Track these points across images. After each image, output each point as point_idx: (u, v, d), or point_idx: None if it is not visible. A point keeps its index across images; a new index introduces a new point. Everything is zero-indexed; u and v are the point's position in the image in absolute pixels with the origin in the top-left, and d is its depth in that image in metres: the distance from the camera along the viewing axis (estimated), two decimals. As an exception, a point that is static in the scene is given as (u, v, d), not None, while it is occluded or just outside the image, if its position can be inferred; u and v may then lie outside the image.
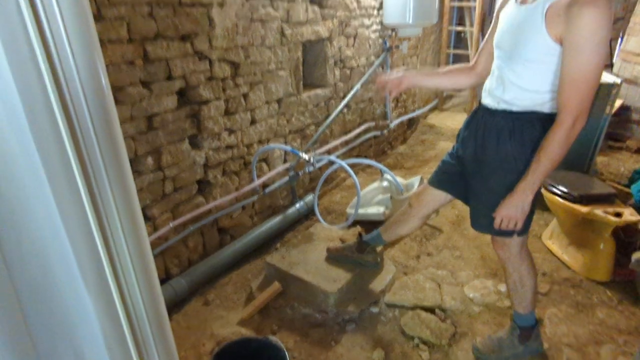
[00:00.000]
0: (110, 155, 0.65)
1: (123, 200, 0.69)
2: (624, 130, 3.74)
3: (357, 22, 3.09)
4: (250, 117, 2.35)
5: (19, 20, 0.51)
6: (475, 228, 1.51)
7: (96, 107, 0.61)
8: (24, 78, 0.53)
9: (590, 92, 1.12)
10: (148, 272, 0.78)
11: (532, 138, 1.27)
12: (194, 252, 2.18)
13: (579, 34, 1.07)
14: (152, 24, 1.71)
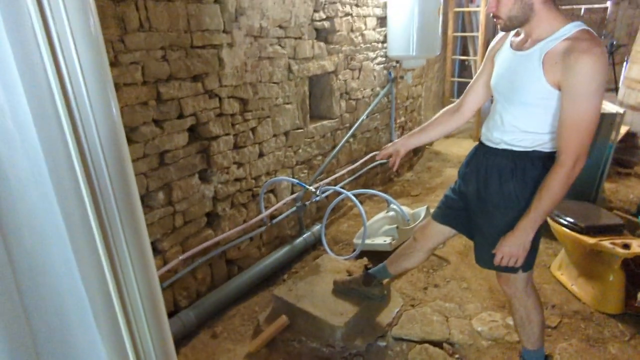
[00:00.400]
0: (123, 198, 0.70)
1: (134, 241, 0.74)
2: (631, 157, 3.74)
3: (362, 55, 3.19)
4: (259, 150, 2.42)
5: (43, 73, 0.57)
6: (480, 264, 1.52)
7: (110, 150, 0.67)
8: (45, 119, 0.59)
9: (588, 136, 1.15)
10: (157, 312, 0.82)
11: (533, 176, 1.30)
12: (202, 284, 2.21)
13: (576, 82, 1.12)
14: (165, 66, 1.81)
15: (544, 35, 1.21)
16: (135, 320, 0.78)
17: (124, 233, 0.73)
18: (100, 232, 0.68)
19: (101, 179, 0.67)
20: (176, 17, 1.81)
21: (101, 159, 0.67)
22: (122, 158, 0.71)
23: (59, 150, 0.62)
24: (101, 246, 0.70)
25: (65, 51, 0.59)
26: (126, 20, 1.63)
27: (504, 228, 1.34)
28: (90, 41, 0.63)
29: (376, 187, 3.76)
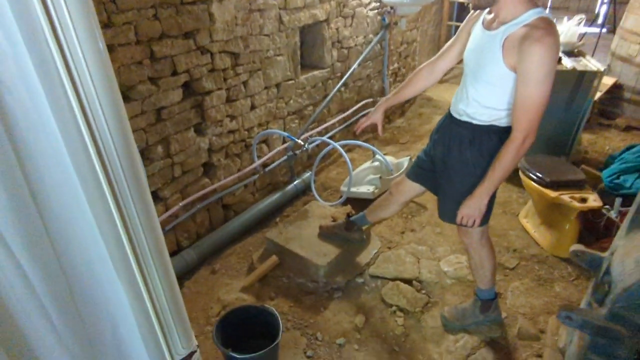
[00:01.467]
0: (125, 155, 0.87)
1: (137, 191, 0.92)
2: (615, 108, 3.84)
3: (355, 1, 3.14)
4: (250, 103, 2.52)
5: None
6: (442, 218, 1.74)
7: (110, 112, 0.83)
8: (54, 91, 0.75)
9: (537, 115, 1.29)
10: (160, 250, 1.04)
11: (489, 147, 1.46)
12: (201, 227, 2.45)
13: (528, 67, 1.23)
14: (157, 25, 1.86)
15: (508, 18, 1.29)
16: (143, 257, 0.99)
17: (127, 185, 0.92)
18: (109, 187, 0.87)
19: (106, 142, 0.84)
20: (165, -27, 1.82)
21: (103, 123, 0.83)
22: (120, 117, 0.86)
23: (69, 119, 0.78)
24: (110, 198, 0.89)
25: (62, 20, 0.72)
26: (116, -20, 1.66)
27: (461, 190, 1.53)
28: (83, 10, 0.75)
29: (367, 134, 3.89)
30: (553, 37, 1.21)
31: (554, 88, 1.31)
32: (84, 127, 0.80)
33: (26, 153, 0.80)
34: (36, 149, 0.80)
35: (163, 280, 1.06)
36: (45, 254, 0.89)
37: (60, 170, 0.83)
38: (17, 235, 0.82)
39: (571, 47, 3.00)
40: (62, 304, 0.94)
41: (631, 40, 3.55)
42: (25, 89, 0.76)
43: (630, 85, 3.64)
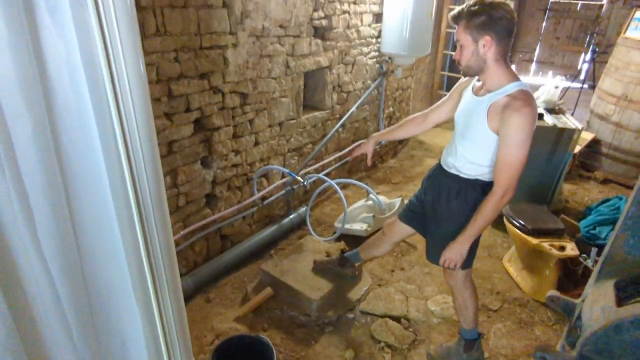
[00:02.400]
0: (154, 183, 1.00)
1: (161, 220, 1.04)
2: (594, 161, 4.09)
3: (356, 50, 3.39)
4: (255, 139, 2.67)
5: (101, 78, 0.85)
6: (429, 260, 1.86)
7: (148, 151, 0.96)
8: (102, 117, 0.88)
9: (515, 174, 1.45)
10: (174, 276, 1.15)
11: (473, 198, 1.62)
12: (199, 256, 2.52)
13: (508, 132, 1.41)
14: (176, 66, 2.03)
15: (493, 87, 1.48)
16: (159, 279, 1.10)
17: (153, 210, 1.05)
18: (137, 210, 0.99)
19: (140, 173, 0.97)
20: (188, 22, 2.01)
21: (141, 159, 0.96)
22: (155, 158, 1.00)
23: (114, 155, 0.91)
24: (137, 221, 1.01)
25: (118, 65, 0.86)
26: (145, 26, 1.83)
27: (447, 235, 1.68)
28: (134, 55, 0.89)
29: (361, 172, 4.06)
30: (530, 107, 1.39)
31: (536, 141, 1.49)
32: (125, 161, 0.93)
33: (71, 176, 0.92)
34: (81, 174, 0.93)
35: (174, 304, 1.17)
36: (73, 266, 0.99)
37: (98, 191, 0.96)
38: (53, 244, 0.93)
39: (552, 104, 3.25)
40: (81, 318, 1.03)
41: (608, 100, 3.85)
42: (81, 131, 0.89)
43: (607, 141, 3.91)
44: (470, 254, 1.66)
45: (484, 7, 1.38)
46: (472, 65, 1.47)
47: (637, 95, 3.60)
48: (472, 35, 1.42)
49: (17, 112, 0.79)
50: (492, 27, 1.39)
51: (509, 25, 1.40)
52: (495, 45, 1.41)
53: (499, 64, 1.45)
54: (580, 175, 4.09)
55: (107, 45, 0.84)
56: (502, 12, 1.38)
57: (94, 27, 0.81)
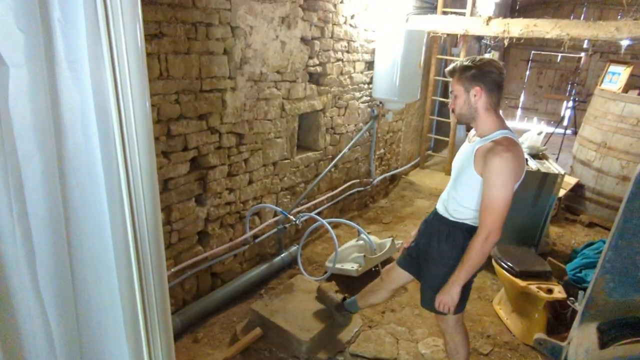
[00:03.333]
0: (152, 226, 1.03)
1: (158, 269, 1.07)
2: (579, 205, 4.20)
3: (349, 95, 3.55)
4: (249, 178, 2.73)
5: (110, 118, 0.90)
6: (422, 305, 1.87)
7: (149, 193, 1.00)
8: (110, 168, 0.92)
9: (498, 216, 1.51)
10: (166, 322, 1.16)
11: (462, 243, 1.67)
12: (188, 294, 2.50)
13: (489, 174, 1.50)
14: (177, 108, 2.12)
15: (483, 134, 1.59)
16: (151, 322, 1.11)
17: (150, 256, 1.07)
18: (136, 259, 1.02)
19: (140, 218, 1.01)
20: (190, 67, 2.12)
21: (142, 206, 1.01)
22: (155, 203, 1.04)
23: (117, 204, 0.96)
24: (135, 267, 1.04)
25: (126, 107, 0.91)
26: (150, 71, 1.93)
27: (437, 279, 1.71)
28: (142, 107, 0.95)
29: (352, 212, 4.11)
30: (510, 153, 1.48)
31: (522, 186, 1.57)
32: (127, 207, 0.98)
33: (74, 214, 0.96)
34: (83, 214, 0.97)
35: (164, 345, 1.17)
36: (67, 304, 1.01)
37: (99, 231, 1.00)
38: (50, 282, 0.95)
39: (536, 150, 3.40)
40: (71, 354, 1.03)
41: (589, 147, 4.03)
42: (88, 176, 0.94)
43: (590, 186, 4.04)
44: (462, 298, 1.69)
45: (475, 63, 1.55)
46: (465, 113, 1.61)
47: (615, 143, 3.78)
48: (464, 86, 1.57)
49: (29, 153, 0.85)
50: (481, 79, 1.54)
51: (497, 79, 1.55)
52: (484, 95, 1.55)
53: (488, 113, 1.57)
54: (566, 218, 4.18)
55: (119, 93, 0.91)
56: (490, 67, 1.54)
57: (108, 78, 0.89)
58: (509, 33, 3.74)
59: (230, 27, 2.31)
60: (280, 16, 2.63)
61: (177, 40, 2.03)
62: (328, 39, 3.12)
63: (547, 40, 4.56)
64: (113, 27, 0.85)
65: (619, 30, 3.25)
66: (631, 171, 3.67)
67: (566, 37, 3.48)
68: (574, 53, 8.40)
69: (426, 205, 4.45)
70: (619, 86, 3.87)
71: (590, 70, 8.30)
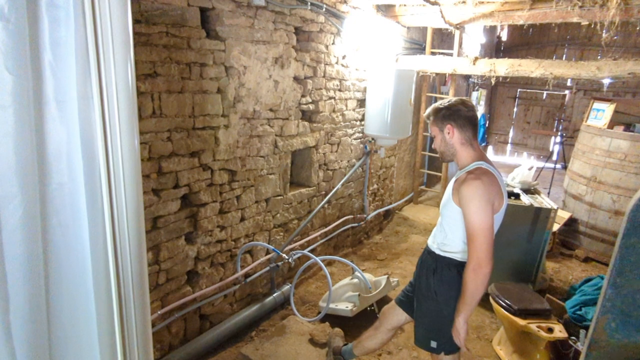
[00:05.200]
0: (137, 275, 0.98)
1: (140, 301, 1.01)
2: (574, 240, 4.18)
3: (341, 132, 3.59)
4: (241, 215, 2.69)
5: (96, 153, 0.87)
6: (416, 344, 1.81)
7: (134, 231, 0.96)
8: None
9: (482, 243, 1.49)
10: None
11: (448, 278, 1.67)
12: (175, 337, 2.38)
13: (464, 204, 1.53)
14: (169, 145, 2.11)
15: (462, 166, 1.66)
16: None
17: (134, 306, 1.02)
18: (117, 299, 0.97)
19: (125, 263, 0.96)
20: (183, 105, 2.14)
21: (127, 249, 0.97)
22: (140, 245, 1.00)
23: (100, 247, 0.92)
24: (117, 314, 0.98)
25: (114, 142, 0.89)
26: (142, 109, 1.95)
27: (426, 315, 1.69)
28: (131, 148, 0.93)
29: (346, 248, 4.05)
30: (480, 180, 1.52)
31: (515, 221, 1.57)
32: (111, 251, 0.94)
33: (54, 258, 0.92)
34: (65, 258, 0.92)
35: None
36: (42, 353, 0.94)
37: (80, 279, 0.95)
38: (23, 329, 0.89)
39: (527, 185, 3.42)
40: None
41: (579, 181, 4.07)
42: (71, 217, 0.91)
43: (583, 220, 4.05)
44: (451, 337, 1.64)
45: (444, 105, 1.67)
46: (444, 151, 1.68)
47: (605, 177, 3.83)
48: (438, 126, 1.68)
49: (10, 194, 0.82)
50: (451, 117, 1.64)
51: (467, 114, 1.63)
52: (457, 132, 1.63)
53: (464, 147, 1.64)
54: (562, 253, 4.15)
55: (107, 132, 0.90)
56: (459, 106, 1.64)
57: (96, 117, 0.88)
58: (495, 72, 3.88)
59: (224, 67, 2.35)
60: (274, 56, 2.70)
61: (171, 79, 2.05)
62: (320, 78, 3.20)
63: (532, 78, 4.72)
64: (104, 67, 0.85)
65: (600, 70, 3.38)
66: (623, 205, 3.70)
67: (550, 76, 3.61)
68: (559, 91, 8.70)
69: (421, 240, 4.41)
70: (604, 122, 3.98)
71: (575, 107, 8.57)
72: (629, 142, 3.67)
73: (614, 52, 4.14)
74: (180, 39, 2.07)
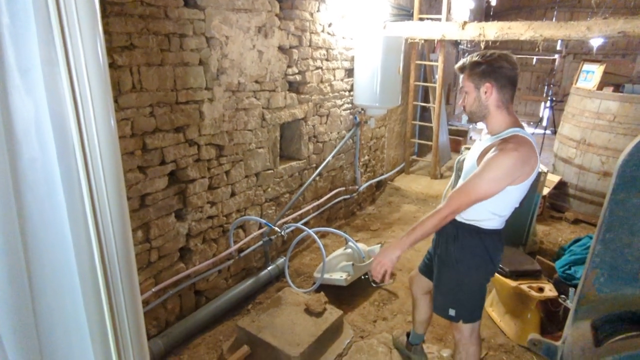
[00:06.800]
0: (122, 249, 0.96)
1: (128, 280, 1.00)
2: (563, 202, 4.24)
3: (330, 103, 3.53)
4: (231, 190, 2.66)
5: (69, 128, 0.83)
6: (434, 311, 1.82)
7: (116, 206, 0.94)
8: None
9: (467, 202, 1.45)
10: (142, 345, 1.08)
11: (470, 245, 1.61)
12: (171, 314, 2.40)
13: (487, 164, 1.43)
14: (152, 121, 2.05)
15: (494, 132, 1.54)
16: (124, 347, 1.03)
17: (121, 278, 1.00)
18: (103, 275, 0.95)
19: (108, 239, 0.94)
20: (164, 78, 2.06)
21: (109, 225, 0.94)
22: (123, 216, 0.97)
23: (80, 220, 0.89)
24: (103, 291, 0.96)
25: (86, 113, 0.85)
26: (121, 84, 1.87)
27: (446, 283, 1.68)
28: (105, 113, 0.89)
29: (339, 220, 4.06)
30: (517, 152, 1.40)
31: None
32: (92, 225, 0.91)
33: (34, 244, 0.89)
34: (43, 233, 0.89)
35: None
36: (28, 333, 0.92)
37: (62, 262, 0.92)
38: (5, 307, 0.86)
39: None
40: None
41: (569, 144, 4.08)
42: (47, 195, 0.87)
43: (573, 183, 4.09)
44: (477, 305, 1.64)
45: (485, 58, 1.49)
46: (475, 111, 1.55)
47: (594, 140, 3.84)
48: (474, 82, 1.51)
49: (-22, 170, 0.78)
50: (492, 75, 1.48)
51: (510, 74, 1.48)
52: (495, 92, 1.49)
53: (500, 111, 1.51)
54: (551, 216, 4.21)
55: (78, 103, 0.85)
56: (502, 62, 1.47)
57: (64, 87, 0.83)
58: (484, 36, 3.80)
59: (205, 38, 2.26)
60: (257, 25, 2.60)
61: (150, 51, 1.97)
62: (306, 48, 3.11)
63: (522, 43, 4.64)
64: (68, 28, 0.79)
65: (590, 30, 3.33)
66: (611, 166, 3.73)
67: (540, 38, 3.55)
68: (548, 55, 8.62)
69: (413, 210, 4.44)
70: (594, 84, 3.95)
71: (565, 71, 8.52)
72: (618, 102, 3.66)
73: (604, 13, 4.08)
74: (156, 8, 1.97)
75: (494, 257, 1.64)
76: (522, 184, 1.48)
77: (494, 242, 1.63)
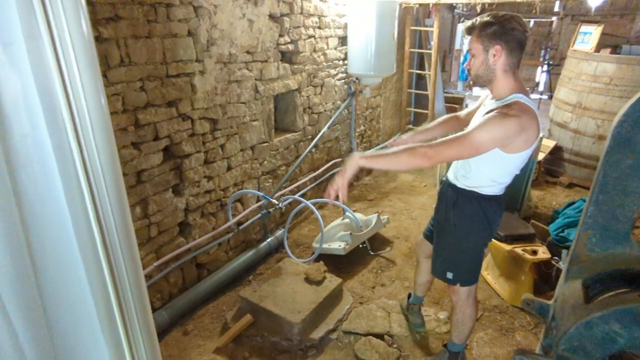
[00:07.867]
0: (120, 220, 0.97)
1: (131, 260, 1.02)
2: (558, 167, 4.27)
3: (324, 73, 3.47)
4: (227, 164, 2.66)
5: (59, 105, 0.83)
6: (432, 273, 1.86)
7: (112, 185, 0.94)
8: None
9: (449, 155, 1.41)
10: (147, 321, 1.10)
11: (469, 210, 1.61)
12: (174, 287, 2.45)
13: (482, 124, 1.37)
14: (143, 95, 2.01)
15: (498, 97, 1.49)
16: (129, 318, 1.06)
17: (121, 249, 1.01)
18: (104, 251, 0.96)
19: (106, 211, 0.95)
20: (153, 51, 2.01)
21: (105, 196, 0.94)
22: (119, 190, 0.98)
23: (76, 192, 0.89)
24: (105, 265, 0.98)
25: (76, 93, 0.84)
26: (109, 58, 1.82)
27: (445, 248, 1.71)
28: (94, 86, 0.88)
29: (336, 191, 4.08)
30: (517, 119, 1.34)
31: None
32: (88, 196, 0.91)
33: (32, 220, 0.89)
34: (40, 211, 0.89)
35: (146, 343, 1.12)
36: (33, 309, 0.94)
37: (59, 228, 0.93)
38: (10, 285, 0.88)
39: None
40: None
41: (564, 109, 4.06)
42: (42, 172, 0.87)
43: (568, 147, 4.10)
44: (473, 269, 1.68)
45: (497, 18, 1.42)
46: (481, 75, 1.48)
47: (590, 103, 3.82)
48: (483, 44, 1.44)
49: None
50: (502, 37, 1.41)
51: (520, 37, 1.42)
52: (504, 55, 1.43)
53: (506, 75, 1.46)
54: (546, 181, 4.25)
55: (65, 76, 0.83)
56: (514, 24, 1.40)
57: (50, 61, 0.81)
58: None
59: (192, 7, 2.19)
60: (245, -7, 2.51)
61: (136, 23, 1.91)
62: (298, 15, 3.02)
63: (519, 5, 4.53)
64: (49, 1, 0.77)
65: (589, -11, 3.23)
66: (607, 130, 3.73)
67: (537, -1, 3.45)
68: (546, 18, 8.42)
69: (409, 179, 4.46)
70: (591, 46, 3.89)
71: (562, 34, 8.35)
72: (615, 64, 3.62)
73: (604, -29, 3.97)
74: (140, -24, 1.90)
75: (492, 222, 1.65)
76: (524, 152, 1.45)
77: (493, 207, 1.64)
